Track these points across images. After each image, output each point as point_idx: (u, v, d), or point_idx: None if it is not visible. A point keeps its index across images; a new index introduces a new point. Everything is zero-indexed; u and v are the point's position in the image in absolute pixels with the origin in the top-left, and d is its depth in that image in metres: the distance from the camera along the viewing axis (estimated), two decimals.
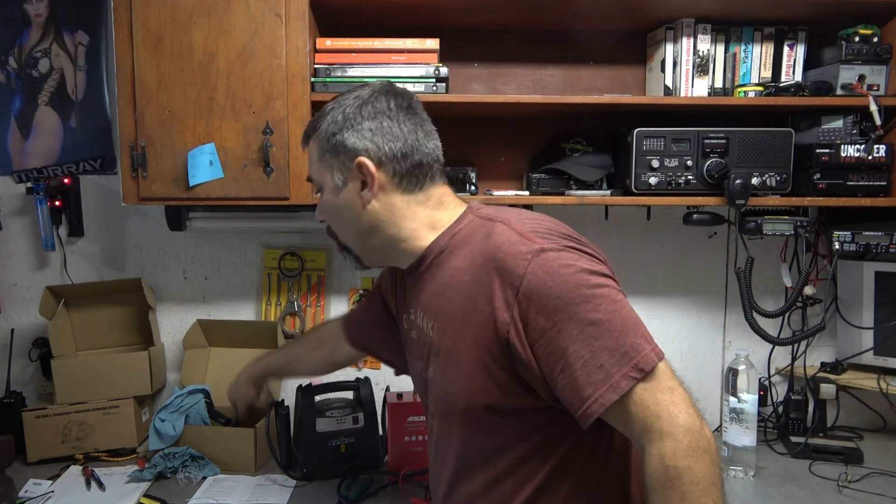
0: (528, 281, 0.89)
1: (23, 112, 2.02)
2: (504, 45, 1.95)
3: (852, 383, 1.94)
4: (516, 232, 0.95)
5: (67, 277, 2.07)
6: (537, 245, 0.91)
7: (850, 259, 1.97)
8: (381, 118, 1.03)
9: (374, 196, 1.03)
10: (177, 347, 2.10)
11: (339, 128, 1.04)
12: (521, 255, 0.91)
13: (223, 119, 1.65)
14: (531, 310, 0.89)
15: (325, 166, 1.06)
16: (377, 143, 1.02)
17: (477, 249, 0.97)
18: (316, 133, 1.07)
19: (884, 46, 1.72)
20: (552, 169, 1.82)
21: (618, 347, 0.86)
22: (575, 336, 0.87)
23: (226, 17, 1.62)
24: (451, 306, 0.99)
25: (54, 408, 1.82)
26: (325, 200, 1.09)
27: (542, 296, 0.88)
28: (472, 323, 0.95)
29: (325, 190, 1.09)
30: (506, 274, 0.91)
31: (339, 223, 1.09)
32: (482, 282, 0.94)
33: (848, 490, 1.64)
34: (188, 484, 1.68)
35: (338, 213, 1.08)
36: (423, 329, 1.07)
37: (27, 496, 1.62)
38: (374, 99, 1.04)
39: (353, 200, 1.05)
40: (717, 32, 1.81)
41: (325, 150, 1.06)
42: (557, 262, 0.89)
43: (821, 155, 1.72)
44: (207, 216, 1.95)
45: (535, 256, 0.90)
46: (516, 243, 0.93)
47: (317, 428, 1.77)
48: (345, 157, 1.03)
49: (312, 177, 1.11)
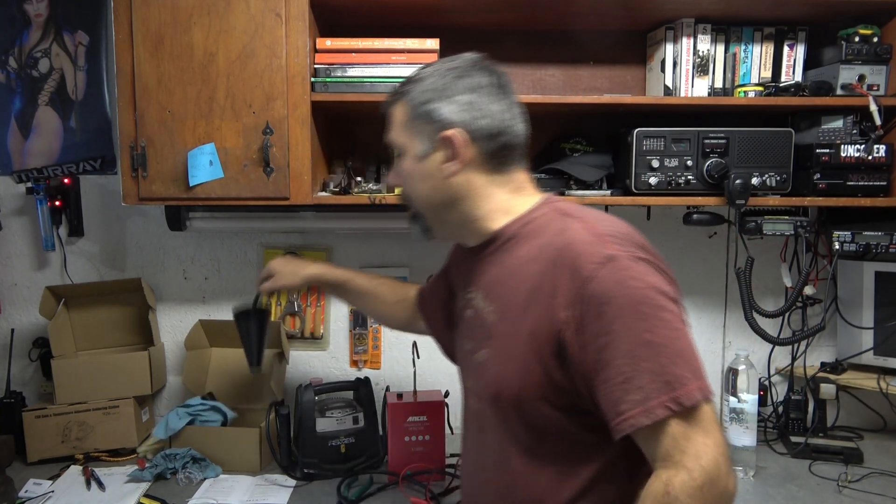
0: (594, 285, 0.88)
1: (23, 112, 2.02)
2: (504, 45, 1.95)
3: (852, 383, 1.94)
4: (592, 232, 0.93)
5: (67, 277, 2.07)
6: (610, 250, 0.90)
7: (850, 259, 1.97)
8: (476, 93, 1.02)
9: (458, 171, 1.03)
10: (177, 347, 2.10)
11: (434, 96, 1.02)
12: (592, 256, 0.90)
13: (223, 119, 1.65)
14: (590, 314, 0.88)
15: (412, 132, 1.05)
16: (470, 118, 1.01)
17: (549, 242, 0.96)
18: (406, 97, 1.06)
19: (884, 46, 1.72)
20: (552, 169, 1.81)
21: (662, 374, 0.85)
22: (623, 351, 0.86)
23: (226, 17, 1.62)
24: (513, 294, 0.98)
25: (54, 408, 1.82)
26: (406, 167, 1.08)
27: (602, 303, 0.87)
28: (531, 314, 0.94)
29: (406, 156, 1.07)
30: (573, 272, 0.90)
31: (416, 191, 1.08)
32: (549, 276, 0.93)
33: (848, 490, 1.64)
34: (188, 484, 1.68)
35: (416, 181, 1.07)
36: (480, 310, 1.06)
37: (27, 496, 1.62)
38: (470, 72, 1.03)
39: (436, 171, 1.04)
40: (717, 32, 1.81)
41: (414, 116, 1.04)
42: (627, 273, 0.88)
43: (821, 155, 1.72)
44: (207, 216, 1.95)
45: (607, 262, 0.88)
46: (590, 244, 0.91)
47: (317, 428, 1.77)
48: (435, 126, 1.02)
49: (394, 140, 1.10)
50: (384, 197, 1.75)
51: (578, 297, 0.89)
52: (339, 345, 2.12)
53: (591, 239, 0.92)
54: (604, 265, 0.88)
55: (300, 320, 2.09)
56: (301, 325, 2.09)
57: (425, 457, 1.77)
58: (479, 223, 1.07)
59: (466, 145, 1.01)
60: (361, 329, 2.10)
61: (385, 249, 2.10)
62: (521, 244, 1.02)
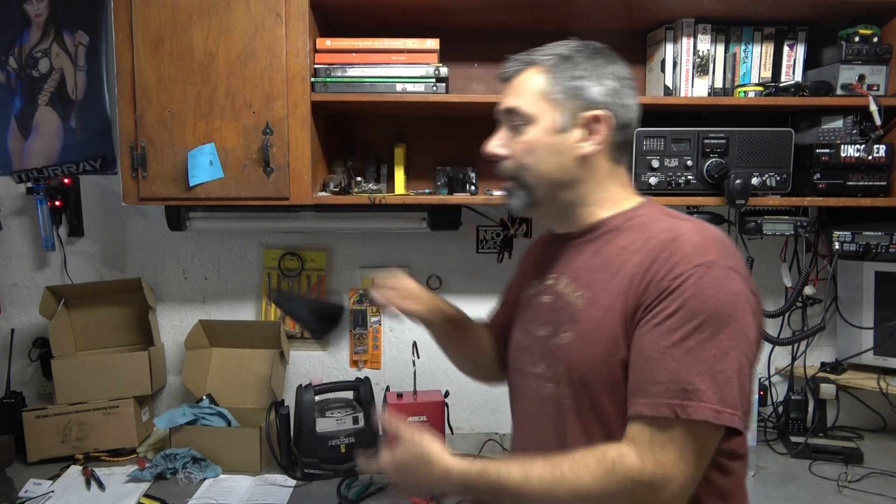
0: (682, 282, 0.90)
1: (23, 112, 2.02)
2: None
3: (852, 383, 1.94)
4: (701, 235, 0.95)
5: (67, 277, 2.07)
6: (712, 256, 0.91)
7: (850, 259, 1.97)
8: (620, 82, 1.04)
9: (592, 153, 1.04)
10: (177, 347, 2.10)
11: (586, 74, 1.03)
12: (694, 257, 0.92)
13: (223, 119, 1.65)
14: (663, 305, 0.91)
15: (552, 104, 1.03)
16: (612, 104, 1.03)
17: (655, 236, 0.98)
18: (549, 68, 1.04)
19: (884, 46, 1.72)
20: None
21: (685, 382, 0.87)
22: (665, 346, 0.89)
23: (226, 17, 1.62)
24: (611, 282, 0.99)
25: (54, 408, 1.82)
26: (534, 137, 1.04)
27: (682, 301, 0.90)
28: (624, 301, 0.96)
29: (534, 126, 1.04)
30: (671, 267, 0.92)
31: (541, 164, 1.05)
32: (647, 266, 0.95)
33: (848, 490, 1.64)
34: (188, 484, 1.68)
35: (545, 153, 1.04)
36: (564, 295, 1.06)
37: (27, 496, 1.62)
38: (615, 60, 1.06)
39: (568, 148, 1.04)
40: (717, 32, 1.81)
41: (559, 89, 1.03)
42: (718, 282, 0.90)
43: (821, 155, 1.72)
44: (207, 216, 1.95)
45: (704, 266, 0.90)
46: (696, 245, 0.93)
47: (317, 428, 1.77)
48: (580, 104, 1.03)
49: (519, 107, 1.05)
50: (384, 197, 1.75)
51: (664, 289, 0.92)
52: (338, 345, 2.12)
53: (699, 240, 0.94)
54: (700, 267, 0.90)
55: None
56: None
57: None
58: (587, 209, 1.07)
59: (608, 129, 1.03)
60: (361, 329, 2.10)
61: (385, 249, 2.10)
62: (622, 236, 1.03)
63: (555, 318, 1.07)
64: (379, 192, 1.81)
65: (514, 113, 1.06)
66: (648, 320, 0.92)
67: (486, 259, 2.10)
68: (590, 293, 1.02)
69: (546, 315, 1.10)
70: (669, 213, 1.05)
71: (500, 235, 2.08)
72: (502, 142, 1.08)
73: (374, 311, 2.11)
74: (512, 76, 1.09)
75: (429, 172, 1.97)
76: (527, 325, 1.15)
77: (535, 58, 1.06)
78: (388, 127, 1.97)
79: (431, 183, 1.97)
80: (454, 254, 2.10)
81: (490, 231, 2.09)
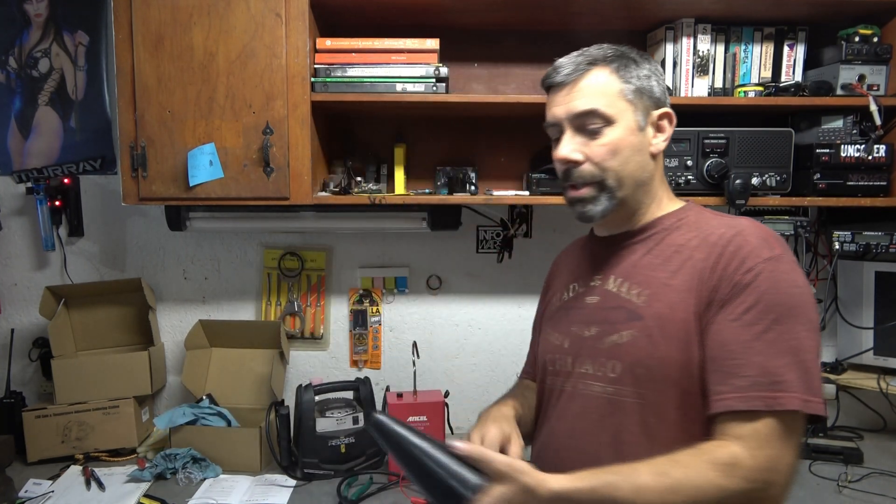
0: (755, 276, 0.93)
1: (23, 112, 2.02)
2: (504, 45, 1.95)
3: (852, 383, 1.94)
4: (761, 230, 0.99)
5: (67, 277, 2.07)
6: (777, 251, 0.95)
7: (850, 259, 1.97)
8: (664, 83, 1.10)
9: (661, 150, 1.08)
10: (177, 347, 2.10)
11: (652, 74, 1.07)
12: (762, 251, 0.95)
13: (223, 119, 1.65)
14: (738, 299, 0.93)
15: (628, 103, 1.04)
16: (668, 102, 1.09)
17: (714, 233, 1.01)
18: (615, 68, 1.04)
19: (884, 46, 1.72)
20: (552, 169, 1.80)
21: (773, 374, 0.89)
22: (747, 340, 0.91)
23: (226, 17, 1.62)
24: (673, 278, 1.00)
25: (54, 408, 1.82)
26: (616, 138, 1.03)
27: (758, 290, 0.92)
28: (697, 295, 0.97)
29: (614, 126, 1.03)
30: (741, 262, 0.95)
31: (623, 165, 1.04)
32: (714, 262, 0.97)
33: (848, 490, 1.64)
34: (188, 484, 1.68)
35: (630, 153, 1.04)
36: (617, 294, 1.06)
37: (27, 496, 1.62)
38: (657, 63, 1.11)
39: (646, 146, 1.06)
40: (717, 32, 1.81)
41: (631, 88, 1.04)
42: (788, 276, 0.94)
43: (821, 155, 1.72)
44: (207, 216, 1.95)
45: (773, 260, 0.94)
46: (762, 239, 0.97)
47: (317, 428, 1.77)
48: (651, 102, 1.06)
49: (597, 109, 1.03)
50: (384, 197, 1.75)
51: (737, 283, 0.94)
52: (339, 345, 2.12)
53: (762, 235, 0.98)
54: (770, 261, 0.94)
55: (300, 320, 2.09)
56: (301, 325, 2.09)
57: None
58: (649, 207, 1.09)
59: (671, 126, 1.08)
60: (361, 329, 2.10)
61: (385, 249, 2.10)
62: (676, 234, 1.05)
63: (606, 317, 1.06)
64: (379, 192, 1.81)
65: (592, 115, 1.03)
66: (725, 315, 0.94)
67: (486, 259, 2.10)
68: (649, 290, 1.02)
69: (593, 315, 1.08)
70: (714, 212, 1.08)
71: (500, 235, 2.08)
72: (576, 146, 1.05)
73: (374, 311, 2.11)
74: (574, 79, 1.05)
75: (429, 172, 1.97)
76: (567, 327, 1.13)
77: (595, 58, 1.05)
78: (388, 127, 1.97)
79: (431, 183, 1.97)
80: (454, 254, 2.10)
81: (490, 231, 2.09)
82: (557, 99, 1.07)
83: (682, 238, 1.04)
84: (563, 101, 1.06)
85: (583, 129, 1.04)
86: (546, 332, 1.18)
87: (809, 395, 0.89)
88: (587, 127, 1.04)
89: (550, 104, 1.09)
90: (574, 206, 1.08)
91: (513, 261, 2.10)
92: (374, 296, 2.10)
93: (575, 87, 1.05)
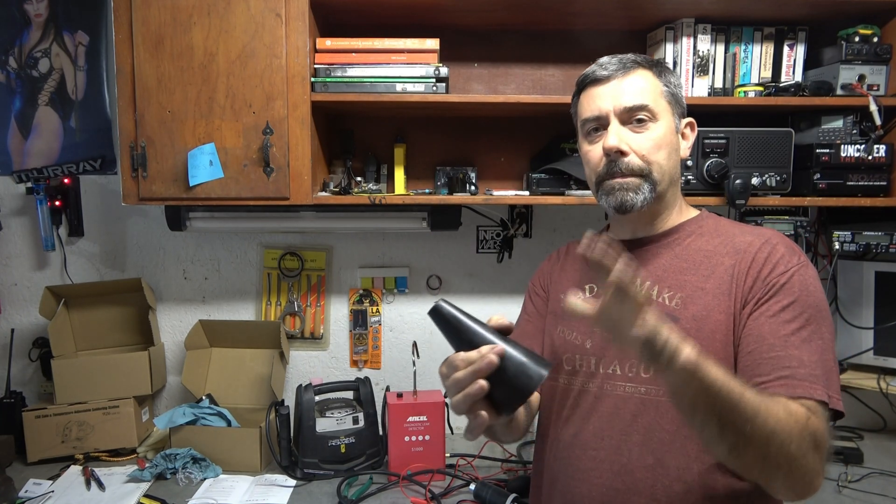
0: (793, 280, 0.99)
1: (23, 112, 2.02)
2: (504, 45, 1.95)
3: (852, 383, 1.94)
4: (785, 239, 1.06)
5: (67, 277, 2.07)
6: (804, 258, 1.03)
7: (850, 259, 1.97)
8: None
9: (686, 155, 1.15)
10: (177, 347, 2.10)
11: (678, 83, 1.14)
12: (792, 257, 1.02)
13: (223, 119, 1.65)
14: (777, 294, 0.98)
15: (668, 105, 1.10)
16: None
17: (739, 240, 1.07)
18: (655, 72, 1.10)
19: (884, 46, 1.72)
20: (552, 169, 1.81)
21: (808, 367, 0.93)
22: (785, 335, 0.95)
23: (226, 17, 1.62)
24: (707, 282, 1.05)
25: (54, 408, 1.82)
26: (661, 134, 1.08)
27: (793, 292, 0.98)
28: (732, 298, 1.02)
29: (659, 123, 1.09)
30: (773, 266, 1.01)
31: (665, 160, 1.09)
32: (749, 266, 1.03)
33: (848, 490, 1.64)
34: (188, 484, 1.68)
35: (668, 151, 1.10)
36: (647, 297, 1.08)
37: (27, 496, 1.62)
38: None
39: (679, 149, 1.13)
40: (717, 32, 1.81)
41: (668, 92, 1.11)
42: (816, 282, 1.01)
43: (821, 155, 1.72)
44: (207, 216, 1.95)
45: (802, 266, 1.01)
46: (788, 246, 1.04)
47: (317, 428, 1.77)
48: (680, 109, 1.13)
49: (646, 104, 1.07)
50: (384, 197, 1.75)
51: (773, 285, 0.99)
52: (339, 345, 2.12)
53: (788, 244, 1.05)
54: (801, 267, 1.01)
55: (300, 320, 2.10)
56: (301, 325, 2.09)
57: (425, 457, 1.77)
58: (672, 210, 1.14)
59: (694, 136, 1.16)
60: (361, 329, 2.10)
61: (385, 249, 2.10)
62: (699, 240, 1.10)
63: None
64: (379, 192, 1.81)
65: (642, 110, 1.07)
66: (762, 312, 0.99)
67: (486, 259, 2.10)
68: (682, 293, 1.06)
69: None
70: (730, 220, 1.15)
71: (500, 235, 2.08)
72: (622, 137, 1.07)
73: (374, 311, 2.11)
74: (621, 75, 1.09)
75: (429, 172, 1.97)
76: (588, 327, 1.10)
77: (637, 60, 1.10)
78: (387, 127, 1.97)
79: (431, 183, 1.97)
80: (454, 254, 2.10)
81: (490, 231, 2.09)
82: (602, 92, 1.09)
83: (709, 245, 1.09)
84: (609, 94, 1.09)
85: (628, 124, 1.08)
86: (562, 332, 1.18)
87: (832, 393, 0.93)
88: (634, 120, 1.08)
89: (591, 98, 1.11)
90: (614, 194, 1.09)
91: (513, 261, 2.10)
92: (374, 296, 2.10)
93: (623, 81, 1.08)
